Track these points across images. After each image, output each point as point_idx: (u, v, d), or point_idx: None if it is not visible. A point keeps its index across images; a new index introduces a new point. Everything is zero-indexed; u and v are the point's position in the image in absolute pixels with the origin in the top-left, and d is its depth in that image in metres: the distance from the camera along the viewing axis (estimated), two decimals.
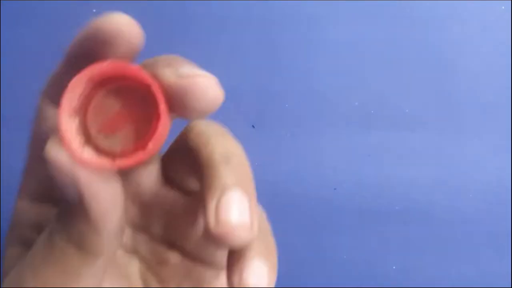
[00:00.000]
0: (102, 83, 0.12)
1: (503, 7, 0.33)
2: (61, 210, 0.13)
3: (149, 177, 0.15)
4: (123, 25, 0.12)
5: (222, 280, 0.16)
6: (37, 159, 0.16)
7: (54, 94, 0.14)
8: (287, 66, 0.33)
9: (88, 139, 0.12)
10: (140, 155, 0.11)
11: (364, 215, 0.33)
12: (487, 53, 0.33)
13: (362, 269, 0.33)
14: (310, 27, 0.33)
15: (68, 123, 0.11)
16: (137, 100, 0.12)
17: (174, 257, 0.16)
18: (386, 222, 0.33)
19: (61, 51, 0.15)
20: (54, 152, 0.11)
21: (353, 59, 0.33)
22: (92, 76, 0.11)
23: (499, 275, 0.33)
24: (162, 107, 0.11)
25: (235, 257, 0.13)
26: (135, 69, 0.12)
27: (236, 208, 0.12)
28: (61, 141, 0.11)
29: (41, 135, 0.14)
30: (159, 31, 0.33)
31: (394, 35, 0.33)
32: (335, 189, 0.33)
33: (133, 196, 0.15)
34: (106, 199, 0.12)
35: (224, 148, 0.14)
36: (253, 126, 0.33)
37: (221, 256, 0.16)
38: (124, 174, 0.14)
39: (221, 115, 0.33)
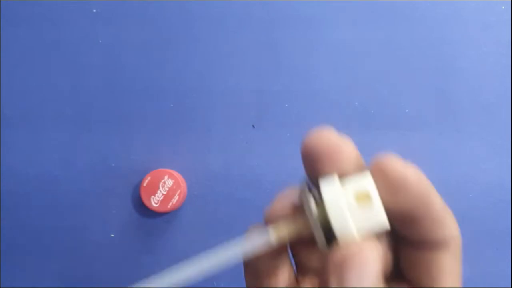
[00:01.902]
0: None
1: (503, 7, 0.33)
2: None
3: None
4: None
5: None
6: None
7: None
8: (287, 66, 0.33)
9: None
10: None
11: None
12: (487, 53, 0.33)
13: None
14: (310, 27, 0.33)
15: None
16: None
17: None
18: None
19: (61, 50, 0.15)
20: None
21: (353, 59, 0.33)
22: None
23: (499, 275, 0.33)
24: None
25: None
26: None
27: None
28: None
29: None
30: (159, 31, 0.33)
31: (394, 35, 0.33)
32: None
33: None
34: None
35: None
36: (253, 126, 0.33)
37: None
38: None
39: (221, 115, 0.33)
